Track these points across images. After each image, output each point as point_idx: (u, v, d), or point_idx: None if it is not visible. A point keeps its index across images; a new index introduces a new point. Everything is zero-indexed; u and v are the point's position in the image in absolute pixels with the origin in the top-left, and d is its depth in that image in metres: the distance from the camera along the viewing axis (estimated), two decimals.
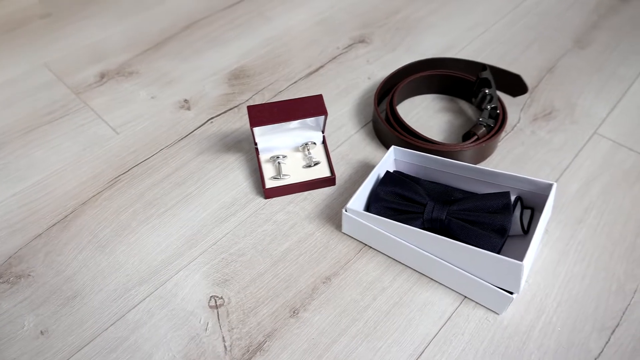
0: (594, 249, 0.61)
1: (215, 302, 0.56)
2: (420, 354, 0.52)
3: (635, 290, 0.57)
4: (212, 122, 0.77)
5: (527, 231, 0.57)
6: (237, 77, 0.85)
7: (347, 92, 0.81)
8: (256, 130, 0.64)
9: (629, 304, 0.56)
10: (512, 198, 0.58)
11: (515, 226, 0.56)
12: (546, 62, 0.87)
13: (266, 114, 0.62)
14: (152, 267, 0.60)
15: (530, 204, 0.59)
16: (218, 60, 0.88)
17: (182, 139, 0.75)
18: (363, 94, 0.81)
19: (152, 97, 0.81)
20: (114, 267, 0.60)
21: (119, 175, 0.70)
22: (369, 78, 0.84)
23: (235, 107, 0.79)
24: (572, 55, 0.89)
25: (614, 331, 0.54)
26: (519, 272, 0.48)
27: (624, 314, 0.55)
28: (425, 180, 0.63)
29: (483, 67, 0.75)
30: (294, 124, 0.66)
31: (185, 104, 0.80)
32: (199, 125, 0.77)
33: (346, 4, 1.00)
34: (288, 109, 0.63)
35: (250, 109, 0.63)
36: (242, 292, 0.57)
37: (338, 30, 0.94)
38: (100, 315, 0.55)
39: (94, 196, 0.67)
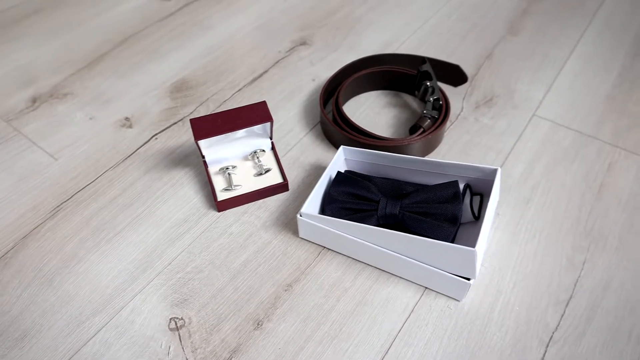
0: (543, 226, 0.63)
1: (176, 323, 0.55)
2: (387, 350, 0.52)
3: (584, 262, 0.60)
4: (156, 138, 0.75)
5: (478, 217, 0.58)
6: (179, 89, 0.82)
7: (293, 95, 0.81)
8: (202, 143, 0.63)
9: (579, 276, 0.58)
10: (461, 186, 0.60)
11: (467, 213, 0.57)
12: (483, 50, 0.90)
13: (210, 125, 0.61)
14: (106, 295, 0.57)
15: (479, 190, 0.61)
16: (158, 73, 0.86)
17: (126, 158, 0.72)
18: (309, 96, 0.81)
19: (91, 118, 0.78)
20: (64, 300, 0.57)
21: (61, 203, 0.66)
22: (313, 80, 0.84)
23: (180, 120, 0.77)
24: (506, 42, 0.92)
25: (568, 304, 0.56)
26: (472, 258, 0.49)
27: (575, 286, 0.58)
28: (377, 177, 0.63)
29: (423, 60, 0.76)
30: (241, 133, 0.65)
31: (127, 122, 0.77)
32: (143, 143, 0.74)
33: (284, 7, 0.99)
34: (232, 118, 0.62)
35: (194, 122, 0.62)
36: (203, 310, 0.56)
37: (279, 34, 0.93)
38: (53, 353, 0.52)
39: (35, 228, 0.63)
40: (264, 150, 0.68)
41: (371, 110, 0.79)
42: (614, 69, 0.86)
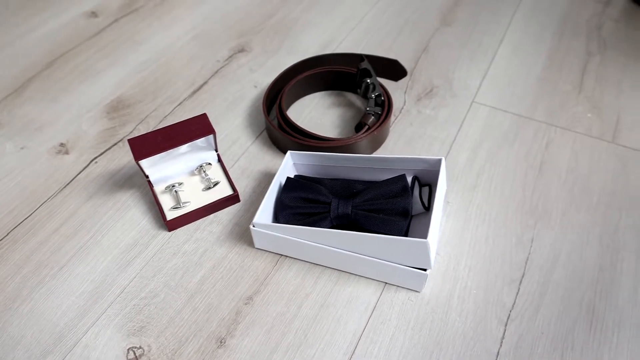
0: (491, 209, 0.65)
1: (135, 353, 0.52)
2: (354, 350, 0.52)
3: (532, 239, 0.62)
4: (96, 162, 0.72)
5: (429, 207, 0.59)
6: (116, 109, 0.79)
7: (236, 104, 0.80)
8: (143, 162, 0.60)
9: (529, 254, 0.61)
10: (409, 179, 0.60)
11: (417, 205, 0.58)
12: (419, 43, 0.92)
13: (150, 144, 0.59)
14: (55, 334, 0.54)
15: (427, 180, 0.62)
16: (92, 94, 0.82)
17: (65, 186, 0.68)
18: (252, 103, 0.80)
19: (22, 148, 0.74)
20: (9, 345, 0.53)
21: None
22: (255, 86, 0.83)
23: (119, 141, 0.74)
24: (440, 33, 0.95)
25: (521, 282, 0.58)
26: (426, 249, 0.50)
27: (526, 263, 0.60)
28: (327, 179, 0.63)
29: (361, 58, 0.77)
30: (184, 148, 0.63)
31: (63, 148, 0.74)
32: (82, 169, 0.71)
33: (218, 15, 0.98)
34: (173, 134, 0.60)
35: (132, 142, 0.59)
36: (162, 335, 0.54)
37: (215, 43, 0.91)
38: None
39: None
40: (210, 164, 0.66)
41: (316, 112, 0.79)
42: (542, 51, 0.90)
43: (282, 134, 0.68)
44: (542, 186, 0.68)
